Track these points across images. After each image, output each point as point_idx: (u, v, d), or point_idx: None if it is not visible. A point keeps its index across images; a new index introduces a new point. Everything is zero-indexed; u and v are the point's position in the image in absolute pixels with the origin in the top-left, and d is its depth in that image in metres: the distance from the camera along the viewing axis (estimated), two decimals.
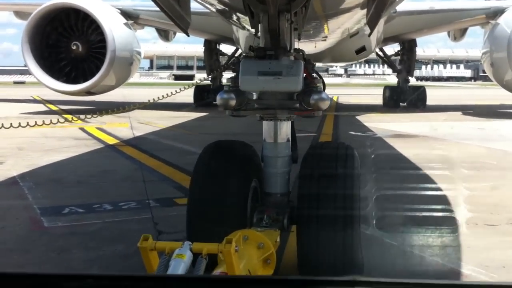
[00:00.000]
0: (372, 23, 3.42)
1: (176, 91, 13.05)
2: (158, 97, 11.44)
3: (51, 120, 8.37)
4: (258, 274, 3.19)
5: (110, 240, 5.01)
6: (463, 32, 26.10)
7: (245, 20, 5.27)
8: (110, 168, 8.85)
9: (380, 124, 16.46)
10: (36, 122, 8.50)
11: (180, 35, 26.94)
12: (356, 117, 19.06)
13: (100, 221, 5.64)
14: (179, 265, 2.78)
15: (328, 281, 1.56)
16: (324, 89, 3.83)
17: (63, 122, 8.38)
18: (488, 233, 5.26)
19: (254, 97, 3.81)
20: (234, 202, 3.63)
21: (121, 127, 15.20)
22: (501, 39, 18.75)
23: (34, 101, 28.77)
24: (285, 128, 3.84)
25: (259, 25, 3.51)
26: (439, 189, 6.91)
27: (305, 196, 3.58)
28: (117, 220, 5.72)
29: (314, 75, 3.86)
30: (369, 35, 8.43)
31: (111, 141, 12.19)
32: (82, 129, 14.44)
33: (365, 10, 4.59)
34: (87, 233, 5.26)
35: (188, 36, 3.95)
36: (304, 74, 3.65)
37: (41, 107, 23.41)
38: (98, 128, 14.56)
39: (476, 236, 5.11)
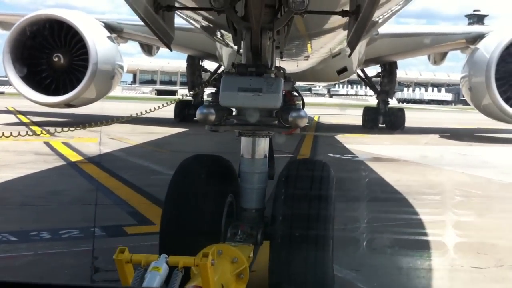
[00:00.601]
0: (352, 44, 3.48)
1: (159, 106, 13.07)
2: (141, 112, 11.41)
3: (16, 133, 7.98)
4: None
5: (35, 279, 4.32)
6: (443, 56, 26.52)
7: (228, 37, 5.33)
8: (63, 188, 8.16)
9: (360, 146, 16.24)
10: None
11: (163, 50, 27.02)
12: (336, 137, 18.99)
13: (31, 253, 4.91)
14: (155, 278, 2.78)
15: None
16: (303, 107, 3.88)
17: (30, 135, 8.04)
18: (475, 279, 4.68)
19: (234, 113, 3.85)
20: (209, 216, 3.64)
21: (89, 142, 14.63)
22: (479, 64, 19.07)
23: (6, 111, 28.10)
24: (263, 145, 3.88)
25: (242, 42, 3.56)
26: (421, 223, 6.54)
27: (279, 213, 3.60)
28: (52, 252, 4.98)
29: (294, 93, 3.91)
30: (349, 55, 8.54)
31: (74, 157, 11.53)
32: (46, 143, 13.76)
33: (346, 32, 4.68)
34: (11, 269, 4.58)
35: (171, 51, 3.99)
36: (284, 92, 3.69)
37: (11, 118, 22.98)
38: (64, 143, 13.86)
39: (462, 284, 4.63)
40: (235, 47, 3.82)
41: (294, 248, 3.48)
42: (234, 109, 3.85)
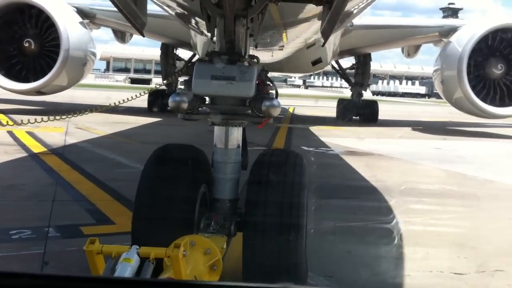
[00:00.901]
0: (326, 34, 3.45)
1: (132, 97, 12.82)
2: (115, 103, 11.19)
3: None
4: (204, 279, 3.16)
5: None
6: (416, 48, 26.75)
7: (202, 24, 5.26)
8: (20, 182, 7.63)
9: (335, 139, 15.98)
10: None
11: (137, 37, 26.77)
12: (311, 129, 18.90)
13: None
14: (126, 269, 2.74)
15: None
16: (276, 97, 3.86)
17: None
18: (456, 287, 4.39)
19: (207, 101, 3.80)
20: (182, 206, 3.60)
21: (55, 132, 14.02)
22: (452, 57, 19.25)
23: None
24: (236, 134, 3.84)
25: (215, 29, 3.51)
26: (396, 223, 6.24)
27: (252, 202, 3.58)
28: None
29: (268, 82, 3.88)
30: (323, 45, 8.52)
31: (37, 148, 10.99)
32: (10, 132, 13.12)
33: (320, 22, 4.65)
34: None
35: (143, 36, 3.93)
36: (257, 81, 3.66)
37: None
38: (28, 133, 13.25)
39: None
40: (209, 35, 3.77)
41: (267, 238, 3.47)
42: (207, 98, 3.80)
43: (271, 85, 3.90)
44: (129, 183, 7.15)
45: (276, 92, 3.91)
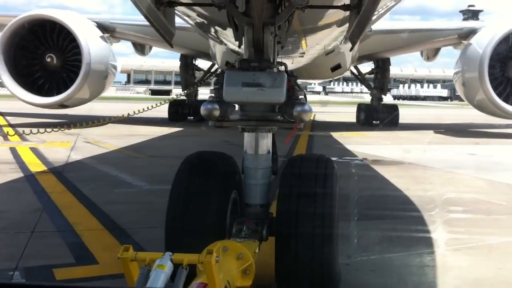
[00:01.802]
0: (353, 38, 3.48)
1: (147, 107, 12.81)
2: (134, 112, 11.22)
3: None
4: (237, 285, 3.19)
5: None
6: (435, 52, 26.57)
7: (223, 34, 5.32)
8: (3, 208, 6.82)
9: (360, 147, 15.08)
10: None
11: (156, 49, 26.93)
12: (333, 137, 18.29)
13: None
14: (160, 276, 2.77)
15: None
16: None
17: None
18: None
19: (237, 108, 3.85)
20: (214, 212, 3.64)
21: (61, 147, 13.32)
22: (473, 59, 19.13)
23: None
24: (266, 140, 3.89)
25: (243, 38, 3.56)
26: (445, 251, 5.35)
27: (284, 208, 3.61)
28: None
29: (297, 87, 3.92)
30: (350, 49, 8.51)
31: (36, 167, 10.21)
32: (12, 149, 12.55)
33: (342, 28, 4.68)
34: None
35: (172, 47, 4.03)
36: (287, 87, 3.70)
37: None
38: (32, 149, 12.64)
39: None
40: (230, 45, 3.85)
41: (300, 243, 3.49)
42: (237, 105, 3.86)
43: (300, 90, 3.93)
44: (126, 206, 7.14)
45: (305, 97, 3.95)
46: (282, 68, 3.91)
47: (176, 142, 16.33)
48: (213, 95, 3.80)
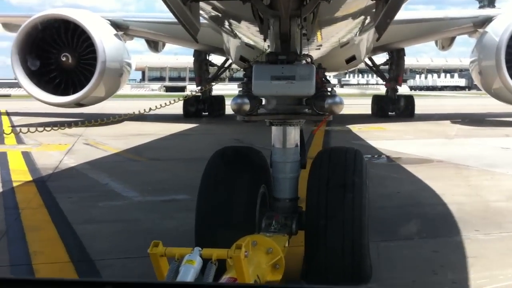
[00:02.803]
0: (381, 28, 3.45)
1: (166, 103, 12.57)
2: (145, 110, 10.86)
3: None
4: (267, 279, 3.19)
5: None
6: (451, 41, 26.33)
7: (242, 28, 5.29)
8: None
9: (382, 142, 14.00)
10: None
11: (170, 46, 26.99)
12: (351, 131, 17.42)
13: None
14: (189, 271, 2.79)
15: None
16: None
17: None
18: None
19: (264, 102, 3.84)
20: (243, 207, 3.64)
21: (56, 150, 12.50)
22: (489, 47, 18.92)
23: None
24: (293, 134, 3.88)
25: (268, 31, 3.55)
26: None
27: (314, 201, 3.59)
28: None
29: (324, 79, 3.90)
30: (377, 40, 8.36)
31: (20, 175, 9.37)
32: (2, 153, 11.89)
33: (361, 18, 4.64)
34: None
35: (197, 42, 4.01)
36: (316, 79, 3.68)
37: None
38: (24, 153, 11.94)
39: None
40: (246, 39, 3.84)
41: (330, 236, 3.47)
42: (263, 99, 3.85)
43: (328, 82, 3.91)
44: (105, 227, 6.19)
45: (332, 89, 3.93)
46: (309, 60, 3.89)
47: (183, 142, 15.60)
48: (241, 89, 3.79)
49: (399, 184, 8.71)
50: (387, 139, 15.49)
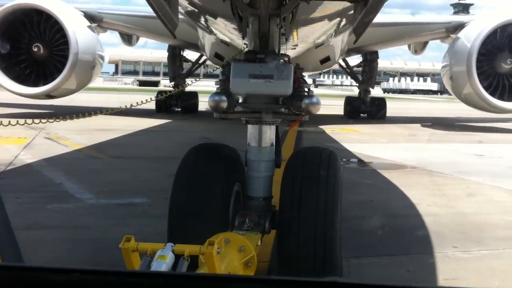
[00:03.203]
0: (359, 31, 3.47)
1: (146, 100, 12.07)
2: (118, 103, 10.45)
3: None
4: None
5: None
6: (423, 45, 26.68)
7: (216, 24, 5.27)
8: None
9: (356, 146, 13.61)
10: None
11: (144, 40, 26.77)
12: (324, 133, 17.20)
13: None
14: (161, 266, 2.77)
15: (309, 282, 1.56)
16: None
17: None
18: None
19: (241, 100, 3.84)
20: (216, 204, 3.64)
21: (14, 144, 11.67)
22: (461, 53, 19.22)
23: None
24: (269, 133, 3.88)
25: (247, 29, 3.55)
26: None
27: (286, 200, 3.61)
28: None
29: (301, 79, 3.91)
30: (354, 42, 8.34)
31: None
32: None
33: (337, 20, 4.66)
34: None
35: (175, 38, 3.98)
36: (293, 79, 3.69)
37: None
38: None
39: None
40: (221, 36, 3.83)
41: (302, 235, 3.49)
42: (240, 96, 3.84)
43: (305, 82, 3.93)
44: (50, 234, 5.57)
45: (309, 89, 3.94)
46: (287, 59, 3.90)
47: (150, 139, 14.98)
48: (218, 86, 3.78)
49: (372, 191, 8.32)
50: (360, 142, 15.28)
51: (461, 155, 12.97)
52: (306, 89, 3.81)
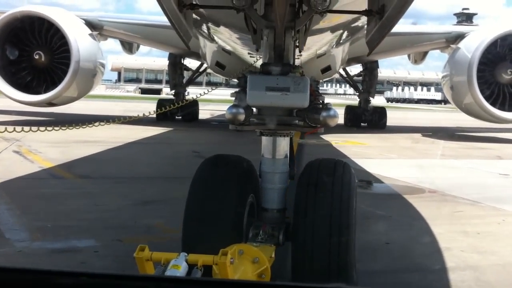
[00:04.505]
0: (372, 43, 3.48)
1: (149, 112, 11.56)
2: (116, 112, 10.51)
3: None
4: None
5: None
6: (423, 55, 26.78)
7: (222, 34, 5.28)
8: None
9: (363, 161, 12.16)
10: None
11: (146, 48, 26.85)
12: (328, 146, 15.92)
13: None
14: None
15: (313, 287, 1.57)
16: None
17: None
18: None
19: (255, 111, 3.84)
20: (231, 216, 3.63)
21: None
22: (461, 63, 19.27)
23: None
24: (283, 144, 3.88)
25: (262, 41, 3.55)
26: None
27: (301, 212, 3.60)
28: None
29: (317, 92, 3.91)
30: (368, 55, 8.26)
31: None
32: None
33: (339, 31, 4.68)
34: None
35: (189, 49, 3.99)
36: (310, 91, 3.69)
37: None
38: None
39: None
40: (222, 44, 3.84)
41: (317, 248, 3.47)
42: (255, 109, 3.84)
43: (320, 95, 3.93)
44: None
45: (323, 101, 3.94)
46: (302, 71, 3.91)
47: (133, 154, 13.42)
48: (234, 98, 3.78)
49: (388, 227, 6.67)
50: (369, 157, 13.84)
51: (483, 175, 11.55)
52: (321, 101, 3.81)
